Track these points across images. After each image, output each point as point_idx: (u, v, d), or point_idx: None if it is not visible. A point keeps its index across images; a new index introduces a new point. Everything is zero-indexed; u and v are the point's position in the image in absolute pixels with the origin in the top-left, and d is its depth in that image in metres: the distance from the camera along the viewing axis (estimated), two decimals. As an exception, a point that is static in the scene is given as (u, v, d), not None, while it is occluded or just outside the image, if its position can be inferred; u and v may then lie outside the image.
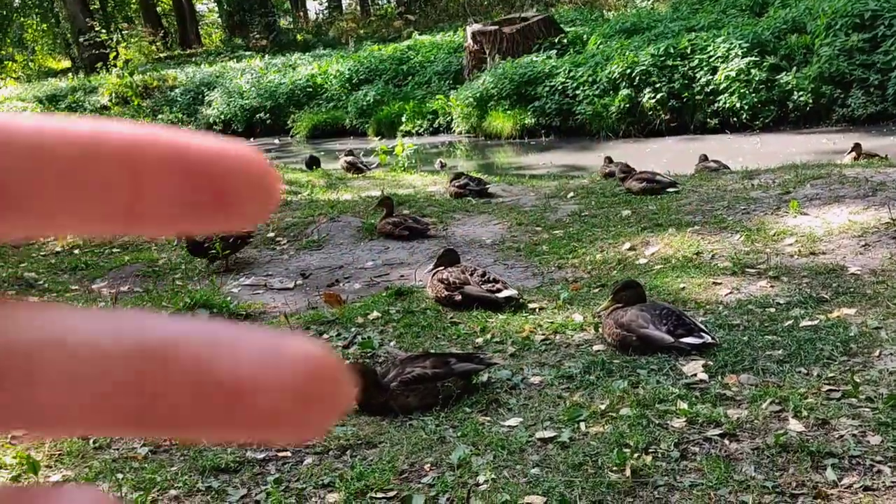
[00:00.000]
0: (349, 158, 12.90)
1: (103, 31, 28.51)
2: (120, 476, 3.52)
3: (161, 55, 36.94)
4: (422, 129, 20.04)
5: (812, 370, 4.11)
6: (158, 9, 43.28)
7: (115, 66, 27.63)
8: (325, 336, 5.44)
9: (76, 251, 8.48)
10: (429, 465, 3.55)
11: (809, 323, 4.71)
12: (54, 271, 7.99)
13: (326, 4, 42.75)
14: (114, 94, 26.83)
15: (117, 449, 3.84)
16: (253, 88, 24.13)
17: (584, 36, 20.46)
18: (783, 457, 3.34)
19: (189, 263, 8.01)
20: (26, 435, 0.26)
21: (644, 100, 16.34)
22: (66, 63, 41.14)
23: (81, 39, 32.11)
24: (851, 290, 5.26)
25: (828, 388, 3.87)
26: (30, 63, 39.72)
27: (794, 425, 3.54)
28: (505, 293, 5.62)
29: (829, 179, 8.05)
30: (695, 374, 4.17)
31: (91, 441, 3.90)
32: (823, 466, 3.24)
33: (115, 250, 8.50)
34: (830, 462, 3.26)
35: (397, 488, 3.38)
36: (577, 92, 17.41)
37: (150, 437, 0.26)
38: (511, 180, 10.92)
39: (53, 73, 36.27)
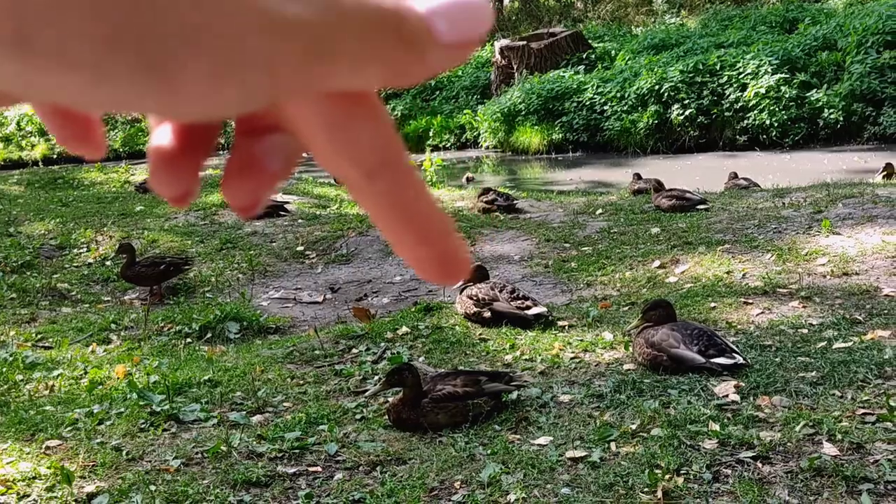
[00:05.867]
0: (377, 173, 12.97)
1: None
2: (153, 488, 3.55)
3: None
4: (449, 144, 20.11)
5: (846, 393, 4.07)
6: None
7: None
8: (355, 350, 5.47)
9: (107, 263, 8.57)
10: (459, 482, 3.55)
11: (843, 345, 4.66)
12: (86, 282, 8.09)
13: (355, 19, 43.21)
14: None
15: (150, 461, 3.87)
16: (282, 102, 24.35)
17: (613, 52, 20.47)
18: (817, 481, 3.30)
19: (220, 276, 8.07)
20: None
21: (672, 116, 16.31)
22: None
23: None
24: (886, 311, 5.20)
25: (862, 411, 3.83)
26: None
27: (829, 449, 3.51)
28: (534, 310, 5.62)
29: (861, 199, 7.98)
30: (726, 395, 4.14)
31: (124, 453, 3.93)
32: (858, 492, 3.20)
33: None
34: (866, 487, 3.22)
35: (427, 506, 3.39)
36: (605, 108, 17.41)
37: None
38: (539, 196, 10.93)
39: (86, 86, 36.81)
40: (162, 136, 0.38)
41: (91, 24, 0.29)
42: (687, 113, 16.13)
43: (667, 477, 3.36)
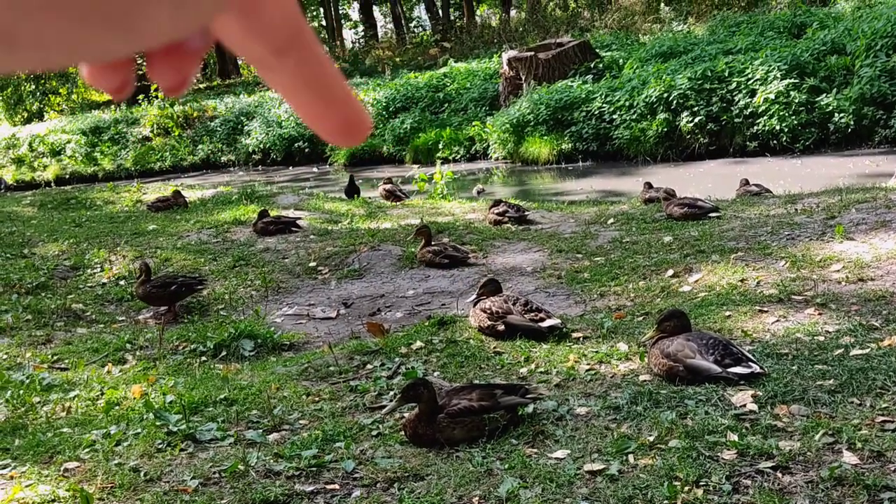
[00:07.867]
0: (388, 186, 12.98)
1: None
2: (171, 509, 3.56)
3: (201, 86, 37.58)
4: (458, 156, 20.12)
5: (865, 400, 4.04)
6: (198, 40, 43.97)
7: (156, 97, 28.16)
8: (370, 366, 5.46)
9: (122, 282, 8.61)
10: (477, 498, 3.54)
11: (860, 352, 4.63)
12: (101, 302, 8.12)
13: (363, 33, 43.21)
14: (155, 126, 27.30)
15: (168, 482, 3.87)
16: (291, 118, 24.42)
17: (620, 60, 20.45)
18: (838, 490, 3.28)
19: (233, 294, 8.09)
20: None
21: (682, 123, 16.27)
22: (109, 96, 41.89)
23: (124, 72, 32.75)
24: (902, 317, 5.16)
25: (882, 418, 3.80)
26: (73, 96, 40.51)
27: (849, 458, 3.48)
28: (548, 322, 5.61)
29: (874, 203, 7.94)
30: (744, 405, 4.12)
31: (142, 474, 3.94)
32: (880, 500, 3.18)
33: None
34: (888, 496, 3.19)
35: (446, 522, 3.37)
36: (614, 117, 17.40)
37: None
38: (550, 207, 10.91)
39: (96, 106, 36.98)
40: None
41: (65, 12, 0.33)
42: (696, 120, 16.10)
43: (686, 489, 3.34)
